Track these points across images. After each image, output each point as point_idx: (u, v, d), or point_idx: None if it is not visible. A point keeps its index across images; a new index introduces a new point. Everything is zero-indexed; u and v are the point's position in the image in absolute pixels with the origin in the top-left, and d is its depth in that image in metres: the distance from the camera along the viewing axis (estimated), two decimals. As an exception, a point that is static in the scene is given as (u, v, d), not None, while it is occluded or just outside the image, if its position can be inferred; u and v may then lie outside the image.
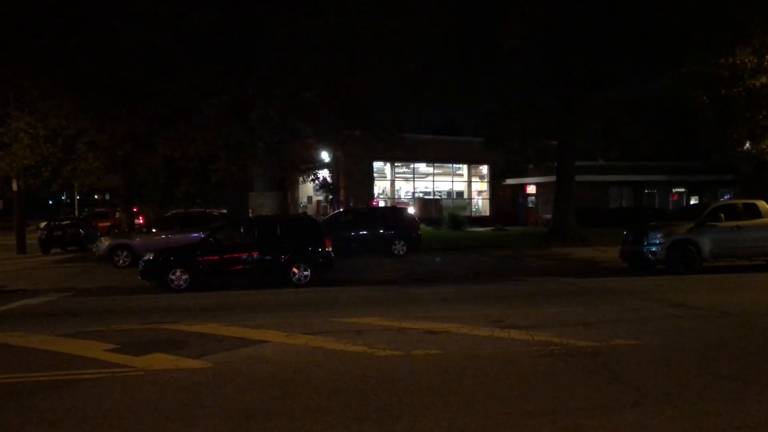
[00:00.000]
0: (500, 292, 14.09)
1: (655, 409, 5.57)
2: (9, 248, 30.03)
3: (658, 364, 7.00)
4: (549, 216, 32.56)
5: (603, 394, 5.98)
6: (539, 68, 27.60)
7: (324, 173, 28.51)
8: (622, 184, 39.62)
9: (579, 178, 28.60)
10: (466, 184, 43.36)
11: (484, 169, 43.07)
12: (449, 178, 42.99)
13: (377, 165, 40.27)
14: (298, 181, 31.90)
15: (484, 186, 43.58)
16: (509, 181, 41.05)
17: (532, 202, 41.96)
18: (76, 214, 54.34)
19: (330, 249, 16.15)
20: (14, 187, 27.80)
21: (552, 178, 29.33)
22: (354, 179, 36.14)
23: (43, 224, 36.60)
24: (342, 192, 36.72)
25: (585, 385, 6.31)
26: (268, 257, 15.84)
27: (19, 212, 29.11)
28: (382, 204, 37.62)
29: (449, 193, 42.67)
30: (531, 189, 41.57)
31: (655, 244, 16.63)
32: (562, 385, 6.30)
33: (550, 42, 24.64)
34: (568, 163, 26.79)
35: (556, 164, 27.68)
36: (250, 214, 24.30)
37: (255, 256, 15.82)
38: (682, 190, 41.30)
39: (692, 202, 39.63)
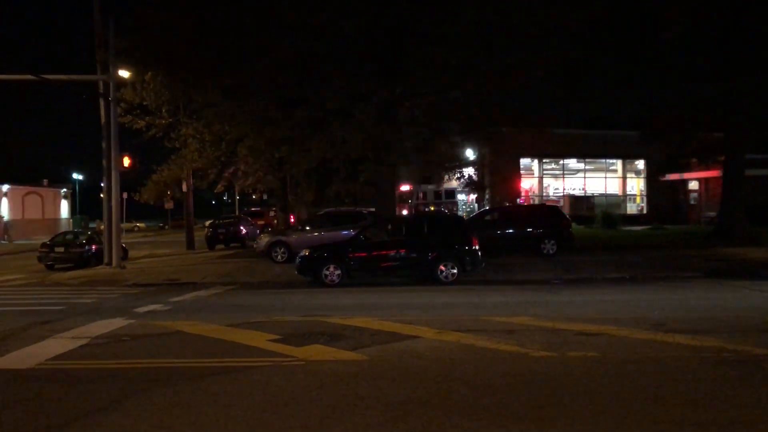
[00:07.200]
0: (661, 294, 13.26)
1: None
2: (179, 245, 32.85)
3: None
4: (713, 214, 30.16)
5: (786, 407, 5.45)
6: (702, 55, 25.61)
7: (470, 171, 28.31)
8: (800, 178, 35.78)
9: (749, 172, 26.22)
10: (620, 180, 41.28)
11: (640, 164, 40.80)
12: (602, 174, 41.10)
13: (524, 162, 39.41)
14: (443, 179, 32.06)
15: (640, 182, 41.27)
16: (669, 177, 38.47)
17: (694, 199, 39.07)
18: (237, 213, 58.24)
19: (477, 247, 16.03)
20: (184, 188, 30.42)
21: (717, 173, 27.16)
22: (501, 176, 35.62)
23: (208, 223, 39.68)
24: (488, 190, 36.30)
25: (764, 396, 5.78)
26: (415, 255, 16.01)
27: (188, 212, 31.74)
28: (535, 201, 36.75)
29: (602, 190, 40.82)
30: (693, 185, 38.73)
31: (843, 245, 14.94)
32: (736, 394, 5.82)
33: (716, 26, 22.76)
34: (736, 156, 24.65)
35: (722, 158, 25.58)
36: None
37: (402, 253, 16.06)
38: None
39: None
